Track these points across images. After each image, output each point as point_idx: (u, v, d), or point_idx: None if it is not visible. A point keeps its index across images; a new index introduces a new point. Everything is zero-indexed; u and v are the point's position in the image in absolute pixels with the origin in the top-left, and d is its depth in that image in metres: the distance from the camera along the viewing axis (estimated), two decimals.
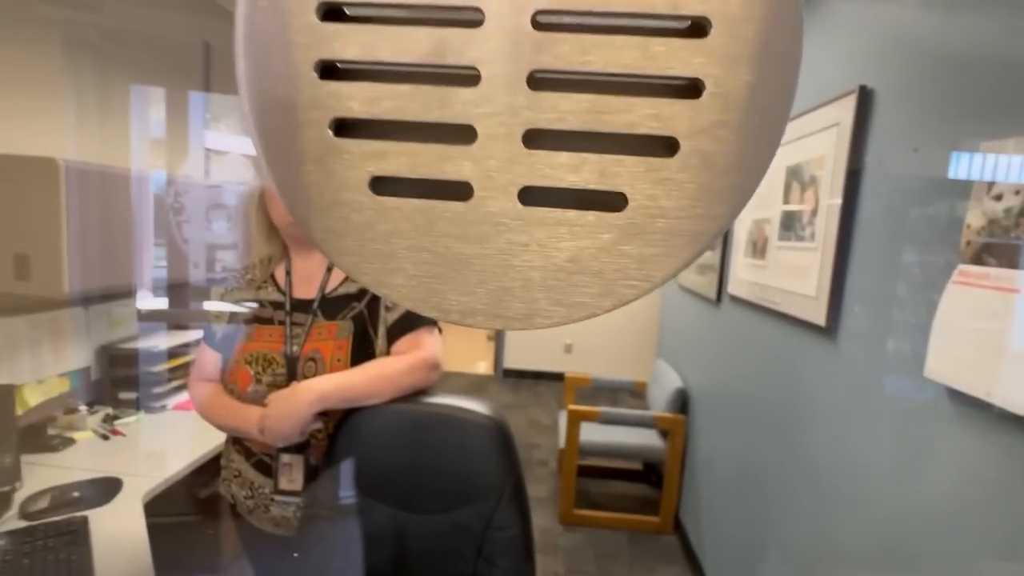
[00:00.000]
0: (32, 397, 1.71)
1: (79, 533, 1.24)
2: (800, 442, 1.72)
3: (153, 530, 1.30)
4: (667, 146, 0.27)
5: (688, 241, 0.27)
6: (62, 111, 1.69)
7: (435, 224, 0.28)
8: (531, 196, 0.28)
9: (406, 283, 0.28)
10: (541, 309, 0.28)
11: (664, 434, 2.92)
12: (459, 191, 0.28)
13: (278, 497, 1.09)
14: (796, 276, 1.77)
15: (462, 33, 0.26)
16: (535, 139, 0.27)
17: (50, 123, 1.68)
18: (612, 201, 0.27)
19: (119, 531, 1.27)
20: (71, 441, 1.72)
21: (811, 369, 1.68)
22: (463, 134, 0.27)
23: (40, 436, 1.68)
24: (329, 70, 0.28)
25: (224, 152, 2.18)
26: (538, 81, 0.27)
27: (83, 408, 1.82)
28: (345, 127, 0.28)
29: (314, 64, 0.27)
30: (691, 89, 0.26)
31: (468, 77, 0.27)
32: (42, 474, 1.50)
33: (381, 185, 0.28)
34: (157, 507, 1.45)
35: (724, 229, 0.26)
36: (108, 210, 1.56)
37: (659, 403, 3.02)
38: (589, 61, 0.26)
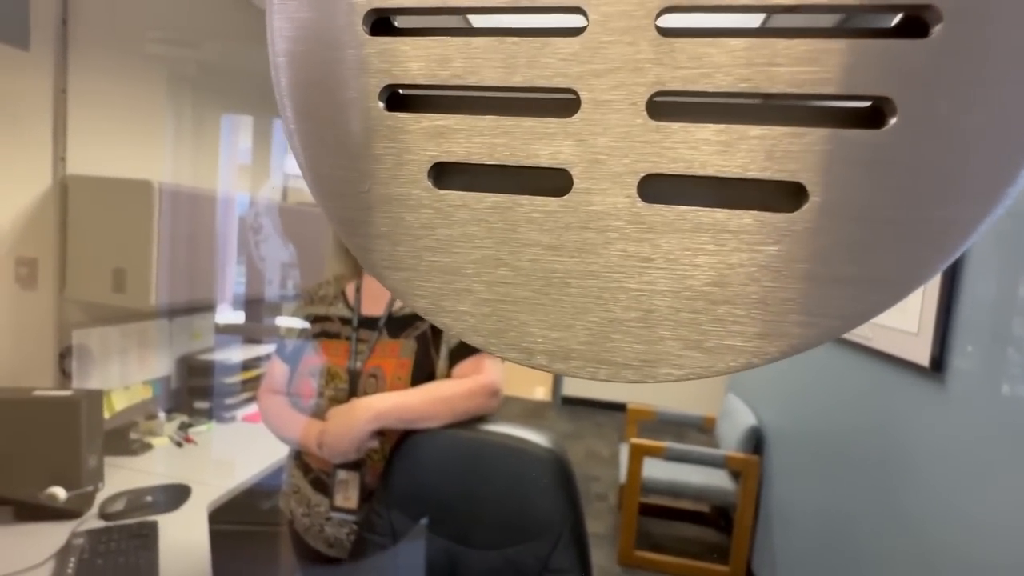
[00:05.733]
0: (119, 402, 1.82)
1: (149, 538, 1.28)
2: (898, 494, 1.53)
3: (214, 537, 1.35)
4: (873, 112, 0.18)
5: (908, 256, 0.17)
6: (161, 138, 1.85)
7: (518, 229, 0.20)
8: (658, 189, 0.19)
9: (475, 310, 0.20)
10: (667, 353, 0.19)
11: (735, 475, 2.70)
12: (553, 182, 0.20)
13: (334, 514, 1.09)
14: (893, 309, 1.58)
15: None
16: (666, 108, 0.19)
17: (150, 149, 1.85)
18: (782, 196, 0.18)
19: (184, 538, 1.32)
20: (149, 446, 1.82)
21: (912, 413, 1.50)
22: (560, 103, 0.19)
23: (122, 439, 1.79)
24: (382, 24, 0.21)
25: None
26: (671, 28, 0.19)
27: (162, 415, 1.93)
28: (400, 99, 0.21)
29: (363, 15, 0.20)
30: (912, 25, 0.17)
31: (567, 25, 0.19)
32: (121, 476, 1.57)
33: (446, 175, 0.21)
34: (220, 515, 1.50)
35: (973, 237, 0.17)
36: (196, 229, 1.68)
37: (730, 441, 2.80)
38: None
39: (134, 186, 1.45)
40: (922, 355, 1.42)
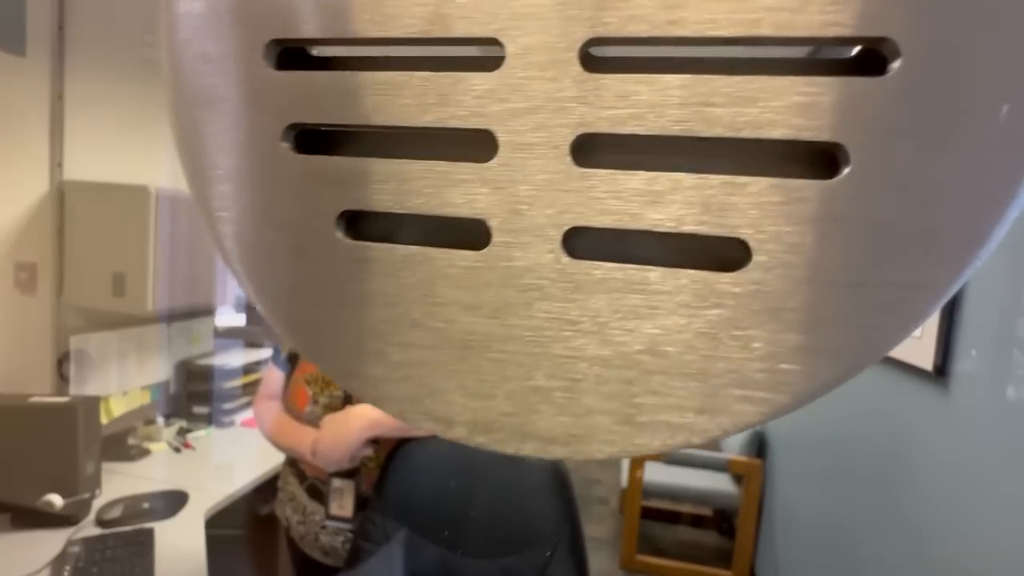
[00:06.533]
0: (117, 408, 1.82)
1: (144, 545, 1.27)
2: (902, 500, 1.50)
3: (211, 542, 1.34)
4: (825, 159, 0.16)
5: (865, 325, 0.15)
6: (158, 143, 1.85)
7: (434, 285, 0.18)
8: (586, 244, 0.17)
9: (387, 374, 0.18)
10: (597, 428, 0.17)
11: (738, 479, 2.67)
12: (469, 234, 0.18)
13: (329, 523, 1.08)
14: None
15: None
16: (592, 151, 0.17)
17: (147, 154, 1.85)
18: (723, 253, 0.16)
19: (180, 546, 1.31)
20: (147, 452, 1.82)
21: (915, 418, 1.48)
22: (477, 145, 0.17)
23: (120, 445, 1.79)
24: (289, 56, 0.19)
25: None
26: (597, 60, 0.17)
27: (160, 420, 1.93)
28: (308, 137, 0.19)
29: (265, 45, 0.18)
30: (869, 60, 0.15)
31: (484, 57, 0.17)
32: (118, 482, 1.57)
33: (361, 223, 0.19)
34: (217, 520, 1.49)
35: (940, 303, 0.15)
36: (194, 234, 1.67)
37: (731, 445, 2.77)
38: (683, 20, 0.15)
39: (131, 191, 1.45)
40: (925, 359, 1.39)
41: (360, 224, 0.19)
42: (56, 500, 1.30)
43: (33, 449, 1.36)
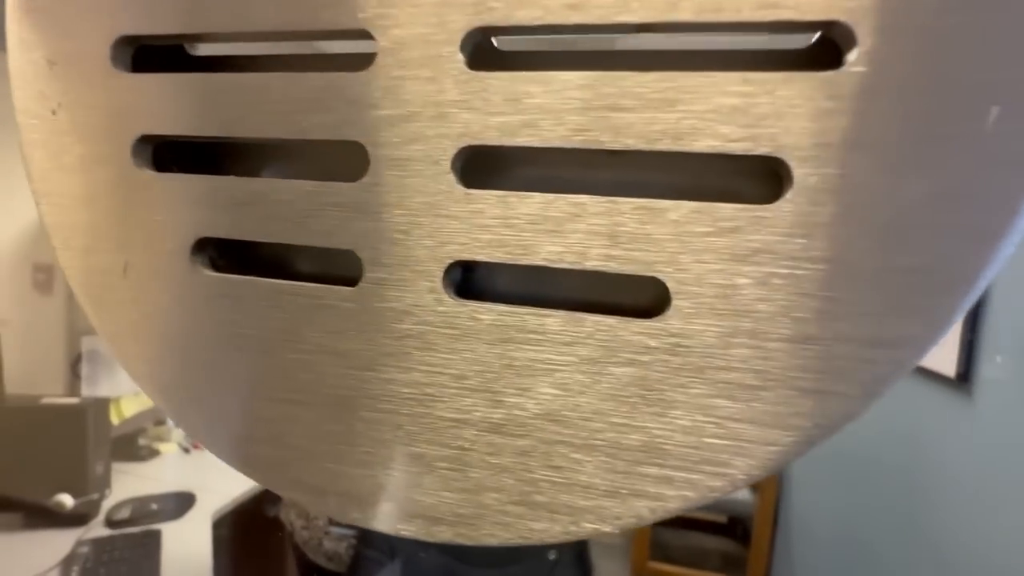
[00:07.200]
0: (128, 408, 1.85)
1: (151, 547, 1.30)
2: (923, 509, 1.45)
3: (217, 544, 1.37)
4: (764, 176, 0.12)
5: (813, 394, 0.12)
6: None
7: (300, 328, 0.15)
8: (473, 281, 0.14)
9: (246, 431, 0.15)
10: (488, 507, 0.14)
11: (753, 485, 2.61)
12: (340, 269, 0.15)
13: (332, 529, 1.08)
14: None
15: None
16: (479, 169, 0.14)
17: None
18: (636, 296, 0.13)
19: (186, 548, 1.34)
20: (156, 452, 1.88)
21: (938, 425, 1.43)
22: (347, 161, 0.14)
23: (131, 445, 1.83)
24: (146, 56, 0.16)
25: None
26: (484, 53, 0.13)
27: (170, 421, 1.98)
28: (167, 152, 0.16)
29: (113, 44, 0.16)
30: (822, 52, 0.12)
31: (352, 54, 0.14)
32: (128, 483, 1.63)
33: (221, 251, 0.16)
34: (224, 522, 1.53)
35: (910, 365, 0.11)
36: None
37: None
38: (586, 3, 0.12)
39: None
40: (948, 365, 1.34)
41: (224, 253, 0.16)
42: (67, 500, 1.32)
43: (44, 449, 1.39)
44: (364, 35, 0.14)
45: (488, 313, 0.13)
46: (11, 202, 1.39)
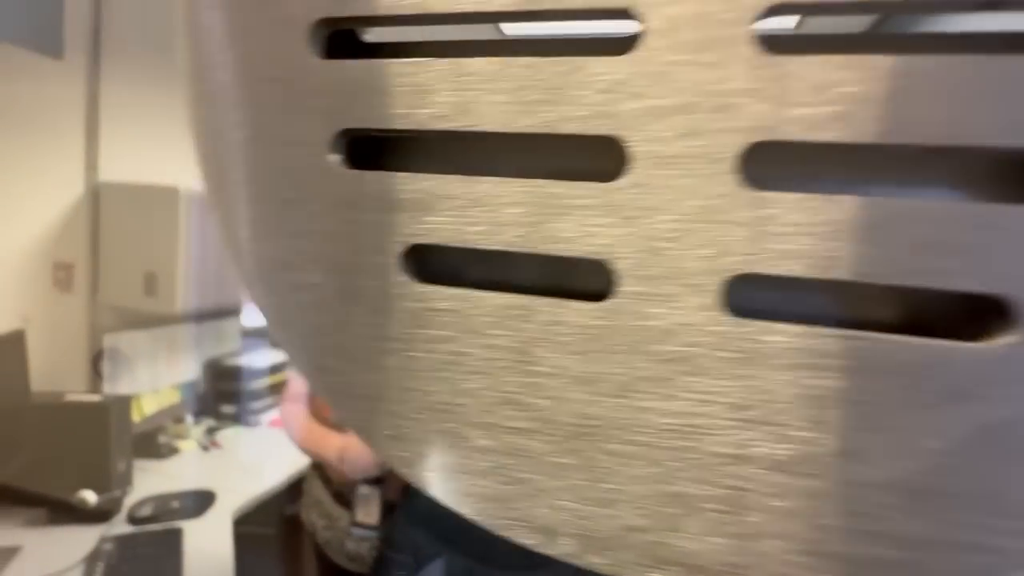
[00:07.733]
0: (148, 406, 1.86)
1: (173, 545, 1.31)
2: None
3: (238, 542, 1.36)
4: None
5: None
6: (187, 145, 1.90)
7: (534, 349, 0.13)
8: (756, 298, 0.12)
9: (467, 464, 0.14)
10: (769, 557, 0.12)
11: None
12: (585, 282, 0.13)
13: (354, 530, 1.09)
14: None
15: None
16: (769, 168, 0.12)
17: (182, 156, 1.88)
18: (953, 310, 0.11)
19: (208, 546, 1.33)
20: (176, 450, 1.84)
21: None
22: (599, 157, 0.13)
23: (151, 443, 1.85)
24: (342, 41, 0.15)
25: None
26: (777, 38, 0.12)
27: (190, 419, 1.96)
28: (369, 149, 0.15)
29: (308, 29, 0.14)
30: None
31: (612, 36, 0.12)
32: (149, 480, 1.62)
33: (432, 263, 0.14)
34: (245, 520, 1.52)
35: None
36: None
37: None
38: None
39: (162, 193, 1.48)
40: None
41: (432, 264, 0.14)
42: (90, 497, 1.32)
43: (68, 446, 1.40)
44: (623, 14, 0.12)
45: (779, 335, 0.12)
46: (32, 201, 1.39)
